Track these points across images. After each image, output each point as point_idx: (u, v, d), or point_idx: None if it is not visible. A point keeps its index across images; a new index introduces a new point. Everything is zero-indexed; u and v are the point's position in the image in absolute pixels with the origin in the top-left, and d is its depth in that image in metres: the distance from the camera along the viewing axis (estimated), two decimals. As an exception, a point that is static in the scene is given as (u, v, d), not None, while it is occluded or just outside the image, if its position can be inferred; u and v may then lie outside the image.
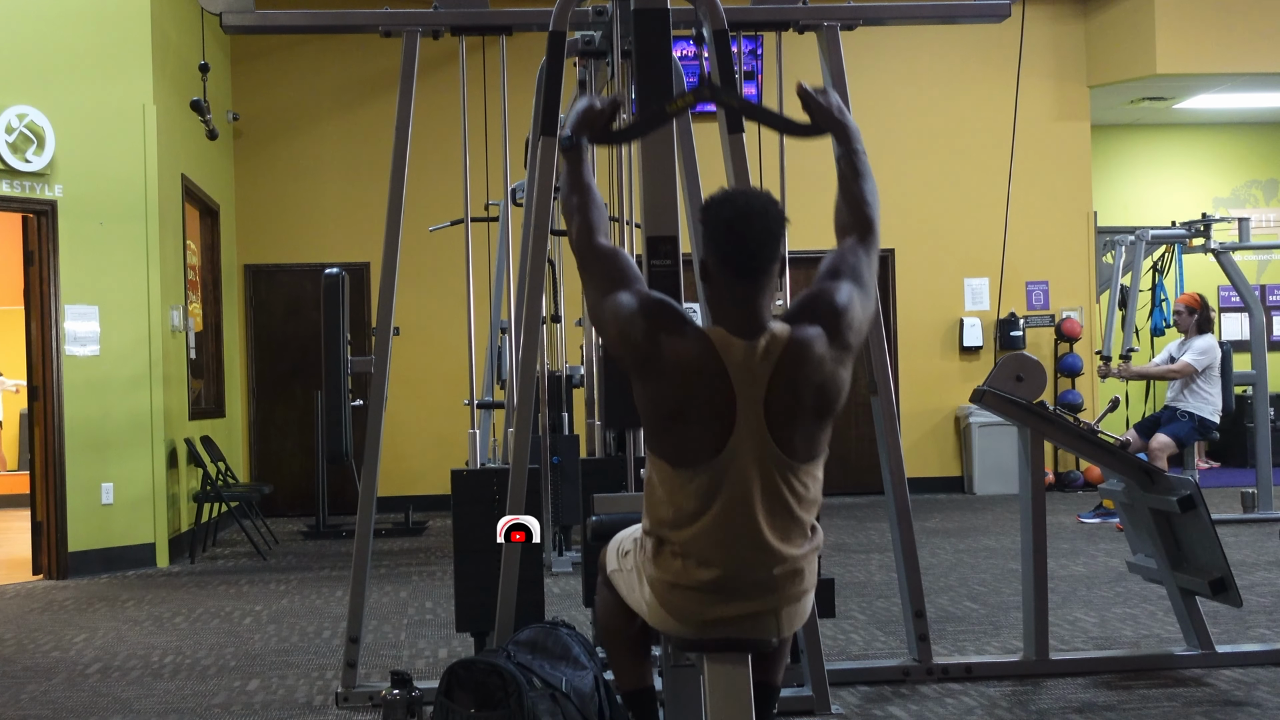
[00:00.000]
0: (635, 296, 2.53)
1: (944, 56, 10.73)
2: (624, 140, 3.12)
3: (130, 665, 4.91)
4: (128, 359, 7.47)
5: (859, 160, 2.75)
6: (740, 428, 2.43)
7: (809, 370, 2.44)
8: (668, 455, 2.50)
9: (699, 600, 2.51)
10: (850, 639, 5.08)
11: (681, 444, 2.47)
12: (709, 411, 2.43)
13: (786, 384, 2.43)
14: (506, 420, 4.53)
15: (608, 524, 3.12)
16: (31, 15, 7.31)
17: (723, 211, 2.48)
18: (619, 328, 2.51)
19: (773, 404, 2.44)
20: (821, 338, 2.47)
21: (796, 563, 2.53)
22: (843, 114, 2.78)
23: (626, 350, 2.50)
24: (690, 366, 2.43)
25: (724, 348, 2.44)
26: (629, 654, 2.91)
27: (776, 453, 2.45)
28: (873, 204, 2.73)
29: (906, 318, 10.76)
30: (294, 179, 10.25)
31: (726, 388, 2.42)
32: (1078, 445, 4.55)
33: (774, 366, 2.43)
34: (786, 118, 2.90)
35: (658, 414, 2.48)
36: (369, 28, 4.45)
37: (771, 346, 2.44)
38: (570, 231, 2.71)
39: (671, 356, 2.43)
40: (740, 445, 2.44)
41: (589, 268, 2.65)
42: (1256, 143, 12.73)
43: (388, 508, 9.15)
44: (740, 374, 2.43)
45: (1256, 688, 4.17)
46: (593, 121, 2.78)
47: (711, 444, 2.44)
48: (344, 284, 6.90)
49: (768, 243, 2.46)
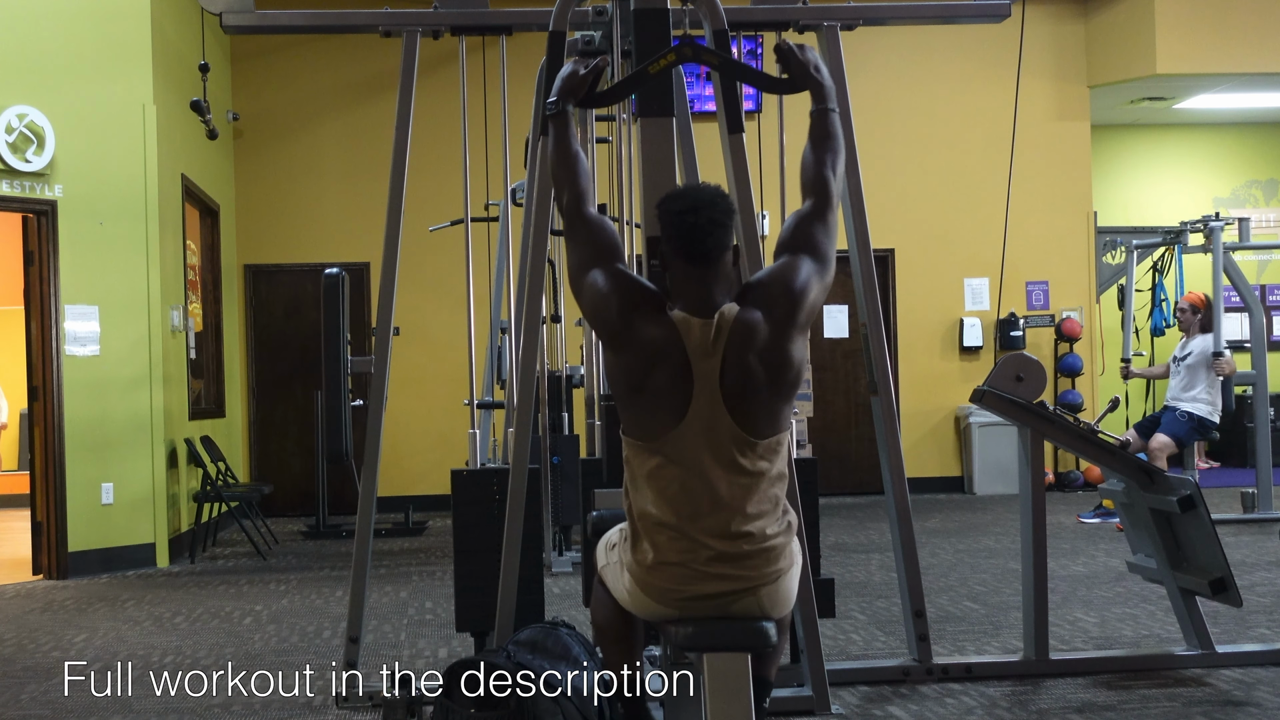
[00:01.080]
0: (613, 276, 2.71)
1: (944, 56, 10.72)
2: (608, 102, 3.20)
3: (130, 665, 4.91)
4: (128, 359, 7.47)
5: (829, 120, 2.90)
6: (696, 401, 2.59)
7: (755, 348, 2.59)
8: (633, 431, 2.66)
9: (673, 576, 2.60)
10: (850, 639, 5.08)
11: (643, 417, 2.63)
12: (668, 386, 2.59)
13: (737, 361, 2.59)
14: (506, 420, 4.52)
15: (608, 519, 3.12)
16: (31, 15, 7.31)
17: (675, 204, 2.68)
18: (595, 302, 2.70)
19: (727, 380, 2.59)
20: (763, 320, 2.62)
21: (766, 539, 2.61)
22: (819, 71, 2.94)
23: (599, 323, 2.70)
24: (655, 347, 2.60)
25: (685, 329, 2.61)
26: (621, 650, 2.95)
27: (732, 426, 2.59)
28: (832, 166, 2.86)
29: (906, 318, 10.75)
30: (294, 179, 10.25)
31: (685, 365, 2.59)
32: (1078, 445, 4.55)
33: (725, 345, 2.59)
34: (766, 74, 3.02)
35: (625, 385, 2.64)
36: (369, 28, 4.45)
37: (721, 325, 2.61)
38: (559, 198, 2.85)
39: (639, 336, 2.61)
40: (696, 418, 2.59)
41: (576, 235, 2.80)
42: (1256, 143, 12.73)
43: (388, 508, 9.15)
44: (697, 352, 2.60)
45: (1256, 688, 4.17)
46: (577, 87, 2.93)
47: (670, 418, 2.60)
48: (344, 284, 6.91)
49: (714, 231, 2.64)
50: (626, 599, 2.74)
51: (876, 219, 5.74)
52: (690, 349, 2.59)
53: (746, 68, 3.06)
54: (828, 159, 2.86)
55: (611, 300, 2.66)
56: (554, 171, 2.87)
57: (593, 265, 2.73)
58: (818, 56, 2.95)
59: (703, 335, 2.59)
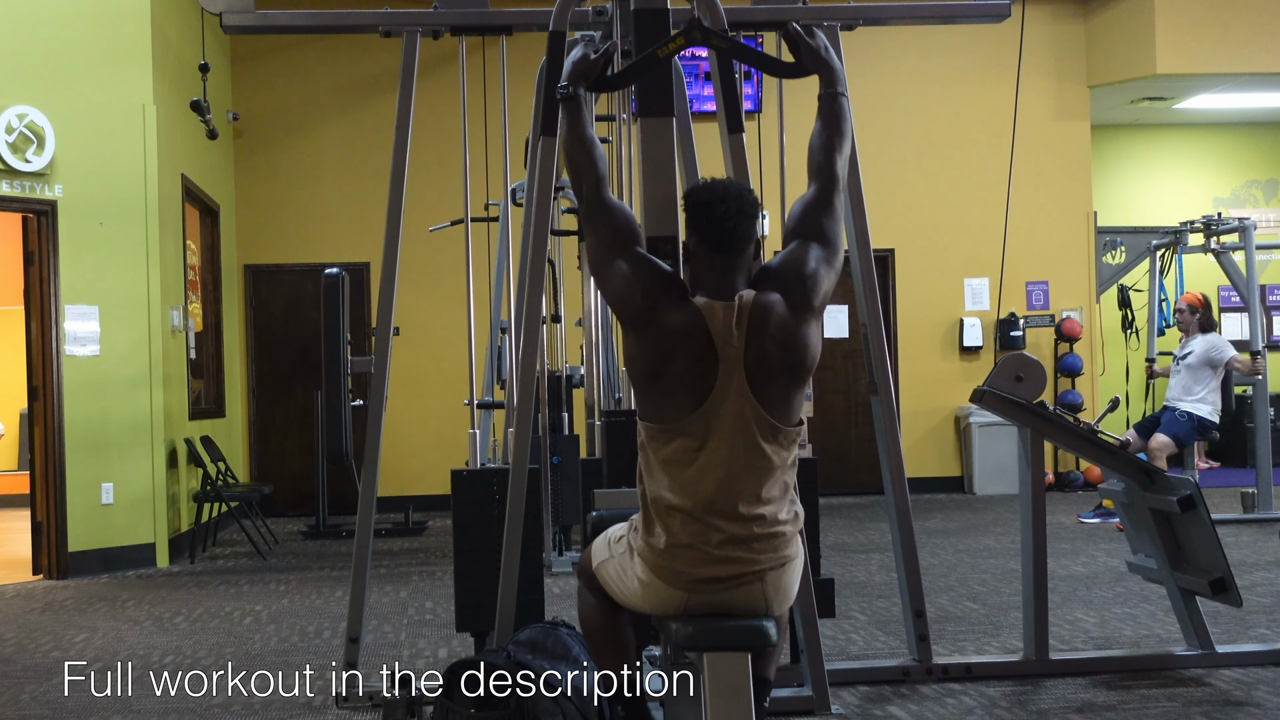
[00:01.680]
0: (635, 262, 2.73)
1: (944, 56, 10.73)
2: (619, 86, 3.21)
3: (130, 665, 4.91)
4: (128, 359, 7.47)
5: (838, 104, 2.92)
6: (720, 385, 2.61)
7: (773, 331, 2.63)
8: (651, 414, 2.68)
9: (685, 559, 2.62)
10: (850, 639, 5.08)
11: (663, 400, 2.65)
12: (691, 370, 2.61)
13: (757, 344, 2.62)
14: (506, 420, 4.52)
15: (608, 518, 3.12)
16: (31, 15, 7.31)
17: (701, 195, 2.72)
18: (618, 288, 2.72)
19: (750, 363, 2.62)
20: (781, 302, 2.66)
21: (778, 524, 2.65)
22: (828, 53, 2.95)
23: (623, 308, 2.71)
24: (678, 332, 2.62)
25: (709, 314, 2.64)
26: (613, 652, 2.97)
27: (757, 408, 2.62)
28: (839, 150, 2.88)
29: (906, 318, 10.75)
30: (294, 179, 10.25)
31: (710, 349, 2.61)
32: (1078, 445, 4.55)
33: (746, 328, 2.63)
34: (775, 58, 3.05)
35: (646, 369, 2.65)
36: (369, 28, 4.45)
37: (742, 308, 2.64)
38: (580, 184, 2.84)
39: (663, 321, 2.63)
40: (720, 401, 2.61)
41: (597, 220, 2.81)
42: (1256, 143, 12.73)
43: (388, 508, 9.15)
44: (721, 336, 2.62)
45: (1256, 688, 4.17)
46: (588, 71, 2.93)
47: (691, 401, 2.62)
48: (344, 284, 6.89)
49: (741, 222, 2.68)
50: (635, 588, 2.74)
51: (876, 219, 5.74)
52: (715, 332, 2.61)
53: (755, 51, 3.07)
54: (835, 143, 2.87)
55: (636, 286, 2.69)
56: (572, 156, 2.87)
57: (615, 250, 2.75)
58: (826, 40, 2.97)
59: (726, 318, 2.62)
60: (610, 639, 2.96)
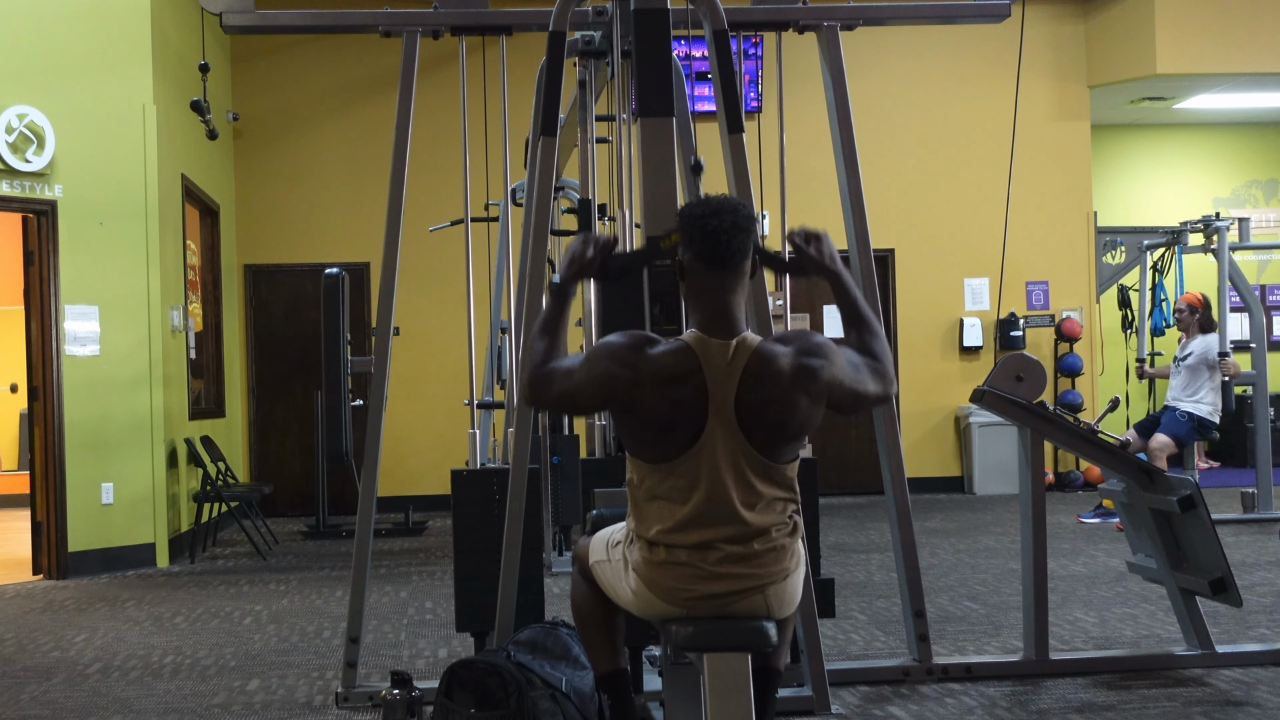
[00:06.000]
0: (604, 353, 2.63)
1: (944, 56, 10.72)
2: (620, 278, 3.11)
3: (130, 665, 4.91)
4: (128, 359, 7.47)
5: (860, 310, 2.87)
6: (712, 421, 2.58)
7: (768, 382, 2.59)
8: (642, 454, 2.66)
9: (682, 576, 2.61)
10: (850, 639, 5.08)
11: (654, 445, 2.62)
12: (685, 410, 2.58)
13: (752, 390, 2.59)
14: (506, 420, 4.52)
15: (608, 519, 3.12)
16: (31, 15, 7.31)
17: (694, 209, 2.69)
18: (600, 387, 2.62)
19: (741, 405, 2.59)
20: (788, 356, 2.60)
21: (775, 538, 2.63)
22: (834, 261, 2.87)
23: (614, 394, 2.60)
24: (670, 376, 2.58)
25: (701, 350, 2.60)
26: (602, 637, 2.98)
27: (748, 448, 2.60)
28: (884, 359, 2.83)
29: (906, 318, 10.75)
30: (294, 179, 10.25)
31: (702, 385, 2.58)
32: (1078, 445, 4.55)
33: (742, 370, 2.59)
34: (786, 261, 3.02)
35: (644, 433, 2.62)
36: (369, 28, 4.45)
37: (740, 351, 2.60)
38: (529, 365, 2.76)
39: (655, 375, 2.57)
40: (712, 438, 2.59)
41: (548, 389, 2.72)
42: (1256, 143, 12.73)
43: (388, 508, 9.15)
44: (714, 373, 2.59)
45: (1256, 688, 4.17)
46: (587, 268, 2.89)
47: (685, 440, 2.59)
48: (344, 284, 6.91)
49: (736, 235, 2.64)
50: (630, 599, 2.74)
51: (876, 219, 5.75)
52: (707, 369, 2.58)
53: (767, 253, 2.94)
54: (877, 351, 2.83)
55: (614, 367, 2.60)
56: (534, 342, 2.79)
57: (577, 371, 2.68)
58: (832, 247, 2.87)
59: (720, 355, 2.59)
60: (599, 624, 2.97)
